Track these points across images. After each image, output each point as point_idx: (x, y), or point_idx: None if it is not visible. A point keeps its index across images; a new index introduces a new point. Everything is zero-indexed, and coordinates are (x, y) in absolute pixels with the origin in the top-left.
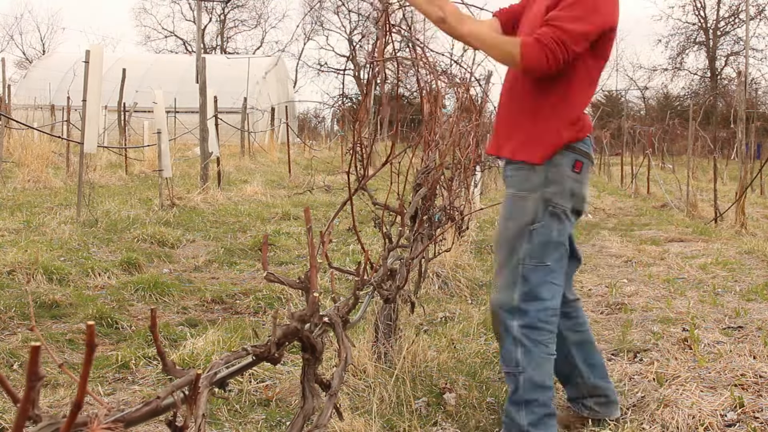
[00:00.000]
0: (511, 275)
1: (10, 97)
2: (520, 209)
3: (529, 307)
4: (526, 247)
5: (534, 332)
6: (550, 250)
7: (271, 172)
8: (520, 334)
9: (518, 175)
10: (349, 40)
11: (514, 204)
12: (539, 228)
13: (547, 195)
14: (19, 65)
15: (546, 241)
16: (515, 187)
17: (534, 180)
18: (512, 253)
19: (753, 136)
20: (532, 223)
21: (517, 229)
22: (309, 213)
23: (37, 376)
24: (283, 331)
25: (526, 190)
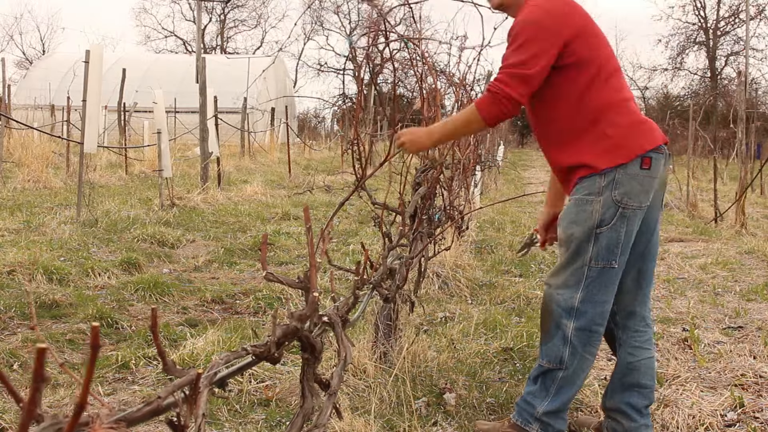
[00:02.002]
0: (574, 275)
1: (10, 97)
2: (586, 213)
3: (588, 309)
4: (594, 250)
5: (586, 335)
6: (617, 252)
7: (271, 172)
8: (572, 336)
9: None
10: (349, 40)
11: (579, 207)
12: (606, 231)
13: (615, 196)
14: (19, 65)
15: (614, 244)
16: (580, 191)
17: (600, 182)
18: (578, 255)
19: (753, 136)
20: (599, 226)
21: (583, 232)
22: (308, 212)
23: (42, 378)
24: (282, 330)
25: (592, 194)
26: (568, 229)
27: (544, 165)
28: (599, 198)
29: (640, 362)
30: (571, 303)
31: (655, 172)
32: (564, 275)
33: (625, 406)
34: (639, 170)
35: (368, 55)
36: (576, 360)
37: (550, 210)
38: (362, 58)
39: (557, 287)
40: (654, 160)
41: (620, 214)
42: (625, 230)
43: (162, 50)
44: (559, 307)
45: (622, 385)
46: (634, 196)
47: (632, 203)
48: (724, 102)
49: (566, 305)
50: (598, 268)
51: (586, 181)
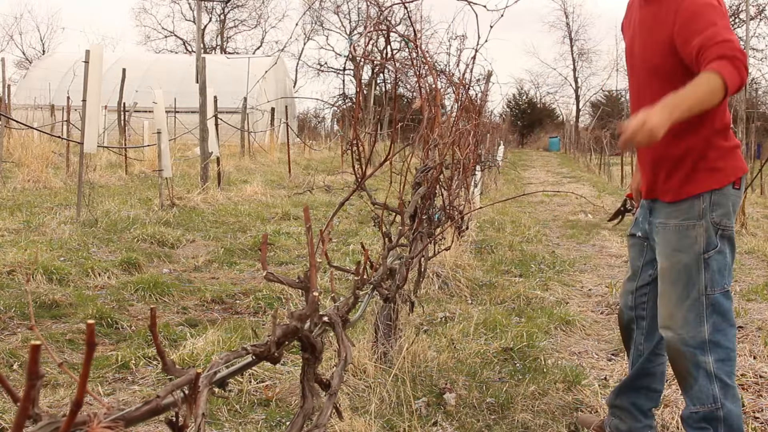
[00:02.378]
0: (695, 309)
1: (10, 97)
2: (689, 239)
3: (720, 338)
4: (706, 277)
5: (729, 364)
6: (727, 274)
7: (271, 172)
8: (715, 369)
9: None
10: (349, 40)
11: (680, 234)
12: (714, 254)
13: (714, 219)
14: (19, 65)
15: (723, 266)
16: (678, 217)
17: (699, 206)
18: (690, 286)
19: (753, 136)
20: (707, 250)
21: (690, 259)
22: (308, 212)
23: (37, 375)
24: (282, 330)
25: (692, 218)
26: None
27: (544, 165)
28: (701, 221)
29: (655, 367)
30: (702, 337)
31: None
32: (682, 310)
33: (631, 406)
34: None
35: (367, 54)
36: (729, 393)
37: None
38: (361, 58)
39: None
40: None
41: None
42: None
43: (162, 50)
44: (690, 347)
45: (633, 386)
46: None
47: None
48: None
49: (696, 342)
50: (716, 295)
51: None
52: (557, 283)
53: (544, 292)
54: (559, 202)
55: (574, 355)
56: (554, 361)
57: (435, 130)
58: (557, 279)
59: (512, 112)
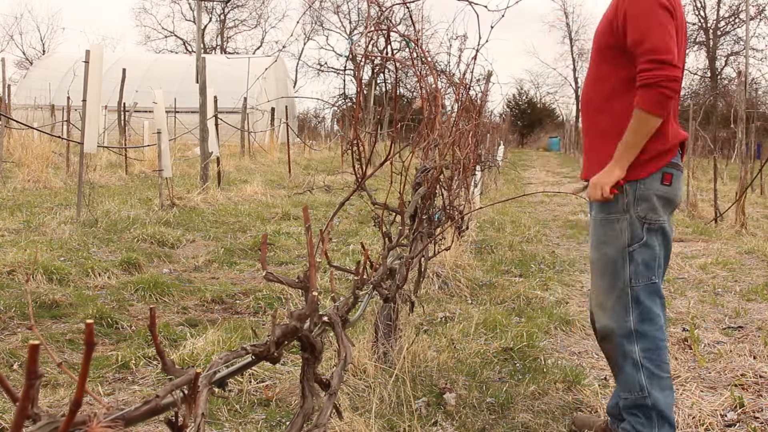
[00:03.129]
0: (621, 300)
1: (10, 97)
2: (614, 231)
3: (647, 328)
4: (630, 269)
5: (654, 353)
6: (653, 267)
7: (271, 172)
8: (641, 358)
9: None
10: (350, 40)
11: (605, 227)
12: (638, 248)
13: (640, 213)
14: (19, 65)
15: (649, 259)
16: (605, 210)
17: (622, 200)
18: (616, 278)
19: (753, 136)
20: (631, 243)
21: (615, 252)
22: (307, 212)
23: (35, 374)
24: (282, 330)
25: (616, 212)
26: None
27: (543, 165)
28: (626, 215)
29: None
30: (628, 328)
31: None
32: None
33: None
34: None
35: (367, 54)
36: (655, 381)
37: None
38: (361, 58)
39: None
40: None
41: (648, 228)
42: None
43: (162, 50)
44: (618, 336)
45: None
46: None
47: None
48: (724, 102)
49: (623, 332)
50: (641, 287)
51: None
52: (557, 283)
53: (544, 292)
54: (559, 202)
55: (574, 355)
56: (554, 361)
57: (435, 131)
58: (557, 279)
59: (512, 112)
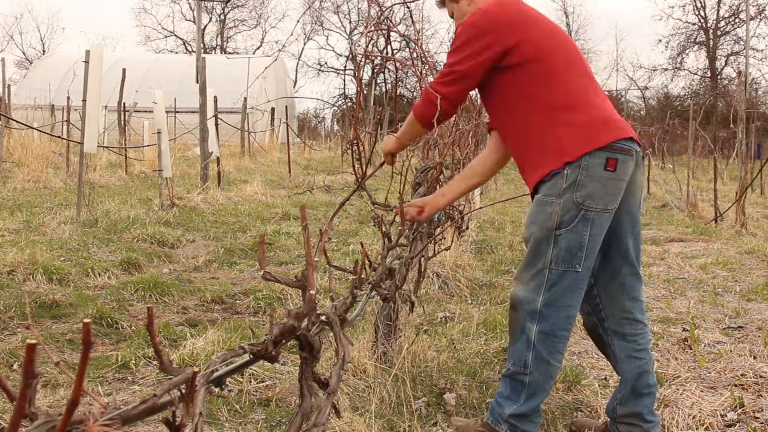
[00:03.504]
0: (536, 278)
1: (10, 97)
2: (545, 214)
3: (551, 313)
4: (554, 253)
5: (549, 339)
6: (580, 256)
7: (271, 172)
8: (536, 339)
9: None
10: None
11: (538, 208)
12: (566, 233)
13: (577, 198)
14: (19, 65)
15: (575, 246)
16: (542, 192)
17: (561, 184)
18: (538, 257)
19: (753, 136)
20: (558, 227)
21: (542, 233)
22: (305, 211)
23: (32, 374)
24: (280, 329)
25: (552, 195)
26: (528, 228)
27: None
28: (559, 200)
29: (646, 364)
30: (534, 306)
31: (622, 174)
32: (526, 276)
33: (641, 408)
34: (603, 171)
35: (367, 54)
36: (541, 365)
37: None
38: (362, 58)
39: (521, 288)
40: (620, 161)
41: (582, 216)
42: (588, 233)
43: (162, 50)
44: (524, 310)
45: (633, 391)
46: (597, 198)
47: (595, 205)
48: (724, 102)
49: (530, 308)
50: (559, 272)
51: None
52: None
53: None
54: None
55: (574, 355)
56: None
57: (435, 130)
58: None
59: None
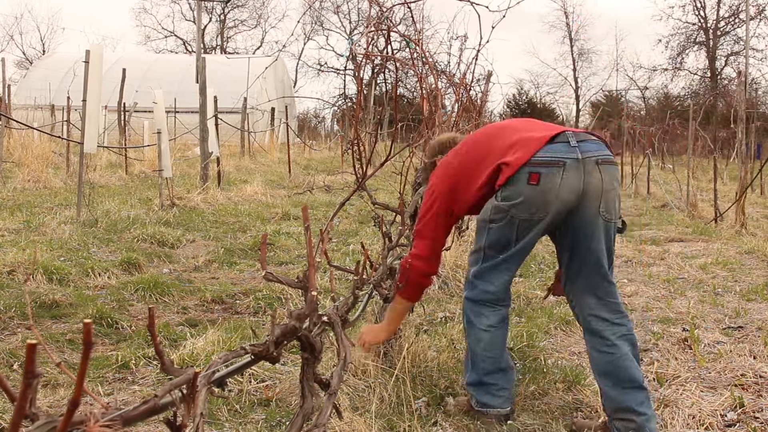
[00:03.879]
0: (474, 254)
1: (10, 97)
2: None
3: (478, 284)
4: (486, 239)
5: (477, 307)
6: (502, 248)
7: (271, 172)
8: (466, 306)
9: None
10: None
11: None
12: (495, 228)
13: (503, 206)
14: (19, 65)
15: (500, 240)
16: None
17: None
18: (479, 238)
19: (753, 136)
20: (490, 222)
21: (481, 220)
22: (307, 212)
23: (33, 374)
24: (281, 330)
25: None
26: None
27: None
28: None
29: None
30: (468, 276)
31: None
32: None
33: (630, 402)
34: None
35: (368, 54)
36: (473, 331)
37: None
38: (362, 58)
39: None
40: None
41: (509, 219)
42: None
43: (162, 50)
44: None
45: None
46: (522, 209)
47: (520, 214)
48: (724, 102)
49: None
50: (490, 254)
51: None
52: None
53: (544, 292)
54: None
55: (574, 355)
56: (554, 361)
57: (435, 130)
58: None
59: (512, 112)
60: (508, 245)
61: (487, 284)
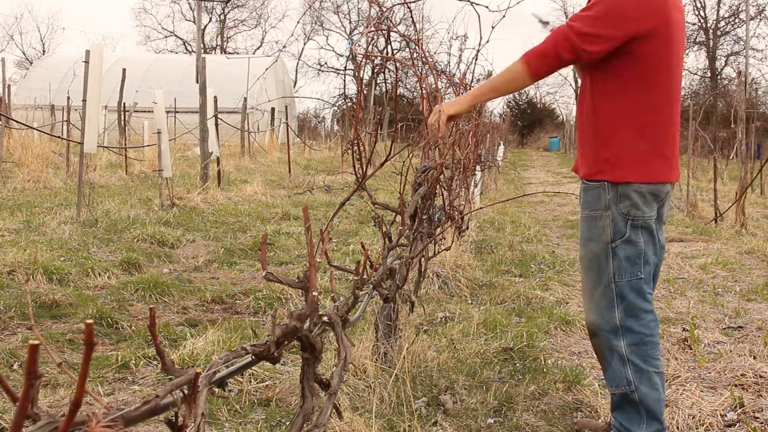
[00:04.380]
0: (605, 296)
1: (10, 97)
2: (597, 229)
3: (633, 323)
4: (614, 265)
5: (643, 349)
6: (639, 263)
7: (271, 172)
8: (627, 353)
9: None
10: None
11: (589, 224)
12: (621, 244)
13: (622, 210)
14: (19, 65)
15: (633, 255)
16: (588, 207)
17: (605, 197)
18: (600, 274)
19: (753, 136)
20: (613, 240)
21: (598, 248)
22: (308, 212)
23: (35, 374)
24: (282, 330)
25: (599, 209)
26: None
27: (544, 165)
28: (607, 212)
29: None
30: (614, 323)
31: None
32: (596, 297)
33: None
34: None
35: (368, 54)
36: (643, 376)
37: None
38: (362, 58)
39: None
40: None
41: (631, 225)
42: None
43: (162, 50)
44: (604, 332)
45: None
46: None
47: (641, 215)
48: (724, 102)
49: (609, 327)
50: (624, 282)
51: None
52: (557, 283)
53: (544, 292)
54: (559, 202)
55: (574, 355)
56: (554, 361)
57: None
58: (557, 279)
59: (512, 112)
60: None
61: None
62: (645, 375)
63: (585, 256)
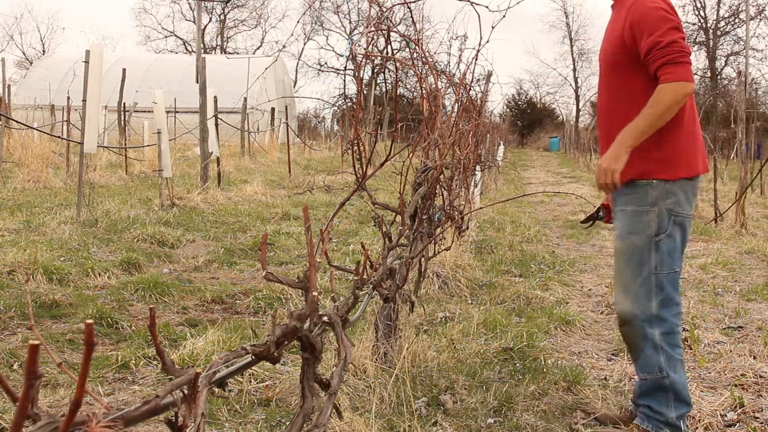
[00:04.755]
0: (644, 286)
1: (10, 97)
2: (643, 223)
3: (666, 313)
4: (656, 258)
5: (672, 337)
6: (676, 257)
7: (271, 172)
8: (661, 341)
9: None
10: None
11: (634, 219)
12: (665, 238)
13: (669, 206)
14: (19, 65)
15: (673, 249)
16: (634, 203)
17: (653, 194)
18: (642, 266)
19: (753, 136)
20: (657, 234)
21: (642, 242)
22: (308, 212)
23: (35, 374)
24: (282, 330)
25: (646, 205)
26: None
27: (544, 165)
28: (654, 208)
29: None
30: (650, 312)
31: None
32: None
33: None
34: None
35: (368, 54)
36: (672, 362)
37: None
38: (362, 58)
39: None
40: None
41: (674, 221)
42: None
43: (162, 50)
44: (639, 320)
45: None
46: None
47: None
48: (724, 102)
49: (645, 316)
50: (664, 274)
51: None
52: (557, 283)
53: (544, 292)
54: (559, 202)
55: (574, 355)
56: (554, 361)
57: (435, 130)
58: (557, 279)
59: (512, 112)
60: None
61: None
62: (673, 362)
63: (626, 248)
